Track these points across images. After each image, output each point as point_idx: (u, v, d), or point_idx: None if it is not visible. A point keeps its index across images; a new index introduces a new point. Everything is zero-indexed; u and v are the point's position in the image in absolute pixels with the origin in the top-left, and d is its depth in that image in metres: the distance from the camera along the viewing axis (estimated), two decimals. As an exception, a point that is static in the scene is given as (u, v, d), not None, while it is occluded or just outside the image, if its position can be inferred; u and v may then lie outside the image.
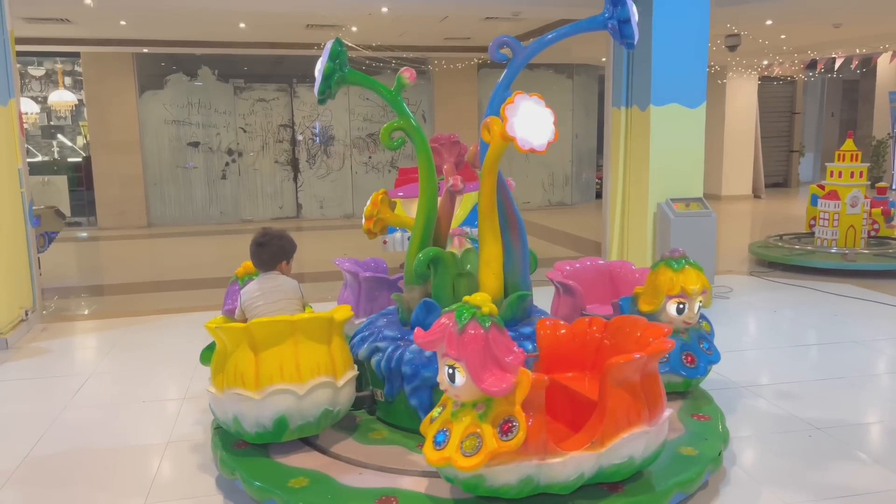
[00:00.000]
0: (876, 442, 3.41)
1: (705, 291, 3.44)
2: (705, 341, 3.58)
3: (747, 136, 14.69)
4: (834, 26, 9.03)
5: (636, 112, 6.42)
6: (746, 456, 3.23)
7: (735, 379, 4.20)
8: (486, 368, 2.33)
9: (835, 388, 4.10)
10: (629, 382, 2.53)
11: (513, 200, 3.22)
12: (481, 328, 2.36)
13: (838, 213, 7.51)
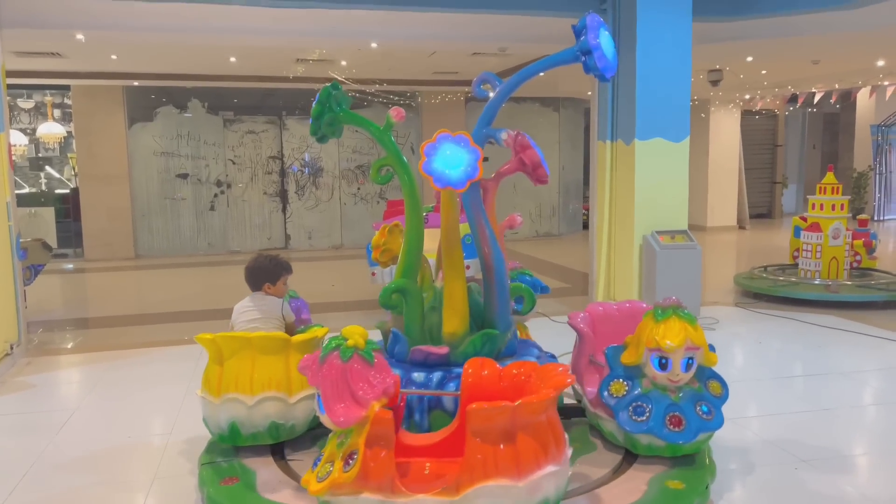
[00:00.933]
0: (862, 474, 3.44)
1: (694, 348, 3.04)
2: (705, 404, 3.11)
3: (731, 168, 14.92)
4: (812, 63, 9.25)
5: (621, 146, 6.53)
6: (734, 489, 3.25)
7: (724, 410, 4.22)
8: (340, 399, 2.41)
9: (821, 420, 4.13)
10: (496, 431, 2.35)
11: (491, 238, 3.22)
12: (339, 360, 2.46)
13: (821, 245, 7.62)
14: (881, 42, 7.96)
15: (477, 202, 3.22)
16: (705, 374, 3.19)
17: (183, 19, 6.63)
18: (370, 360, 2.49)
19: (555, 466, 2.43)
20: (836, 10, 6.46)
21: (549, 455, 2.43)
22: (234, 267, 11.20)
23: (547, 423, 2.47)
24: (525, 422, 2.38)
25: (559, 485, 2.49)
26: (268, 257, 3.95)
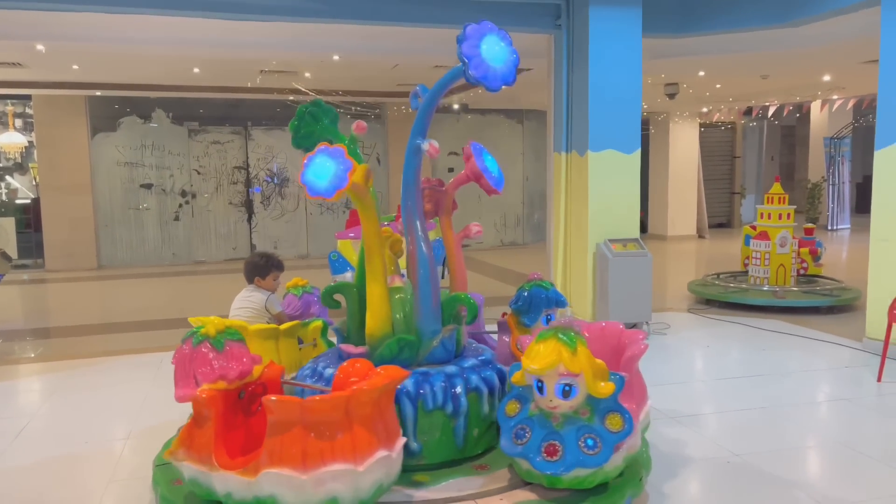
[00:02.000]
0: (790, 467, 3.63)
1: (568, 374, 2.76)
2: (591, 437, 2.79)
3: (691, 180, 15.31)
4: (762, 77, 9.61)
5: (575, 157, 6.74)
6: (668, 482, 3.42)
7: (664, 410, 4.42)
8: (184, 379, 2.80)
9: (756, 418, 4.34)
10: (289, 422, 2.54)
11: (418, 242, 3.33)
12: (189, 346, 2.82)
13: (769, 253, 7.92)
14: (824, 58, 8.32)
15: (412, 208, 3.35)
16: (604, 405, 2.84)
17: (144, 31, 6.70)
18: (219, 347, 2.81)
19: (346, 465, 2.53)
20: (778, 28, 6.76)
21: (342, 453, 2.54)
22: (199, 277, 11.22)
23: (346, 422, 2.58)
24: (316, 419, 2.55)
25: (356, 486, 2.56)
26: (261, 254, 4.67)
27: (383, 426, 2.71)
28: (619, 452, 2.86)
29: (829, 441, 3.98)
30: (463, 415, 3.18)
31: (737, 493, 3.33)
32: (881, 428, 4.20)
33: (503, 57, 3.01)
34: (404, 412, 3.11)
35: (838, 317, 7.15)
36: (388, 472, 2.72)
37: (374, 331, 3.33)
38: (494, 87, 2.98)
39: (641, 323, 6.57)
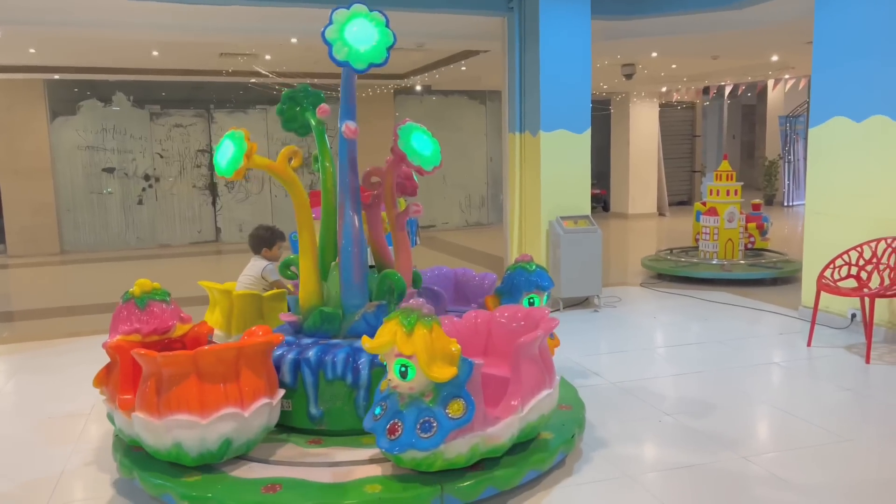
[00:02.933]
0: (717, 425, 3.90)
1: (401, 355, 2.73)
2: (429, 421, 2.75)
3: (651, 159, 15.63)
4: (713, 58, 9.88)
5: (528, 137, 6.95)
6: (603, 439, 3.67)
7: (607, 376, 4.68)
8: (112, 331, 3.27)
9: (691, 381, 4.62)
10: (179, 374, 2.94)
11: (346, 225, 3.48)
12: (121, 302, 3.28)
13: (717, 228, 8.23)
14: (771, 39, 8.59)
15: (344, 189, 3.56)
16: (448, 391, 2.78)
17: (99, 13, 6.71)
18: (140, 305, 3.23)
19: (235, 409, 2.96)
20: (723, 10, 7.00)
21: (232, 399, 2.97)
22: (164, 260, 11.26)
23: (231, 373, 3.00)
24: (205, 370, 2.95)
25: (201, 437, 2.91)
26: (265, 227, 5.03)
27: (237, 386, 3.01)
28: (464, 439, 2.79)
29: (757, 401, 4.27)
30: (363, 387, 3.31)
31: (665, 448, 3.60)
32: (807, 389, 4.50)
33: (370, 39, 3.10)
34: (305, 380, 3.35)
35: (781, 288, 7.50)
36: (238, 429, 3.00)
37: (304, 302, 3.61)
38: (359, 69, 3.14)
39: (593, 296, 6.84)
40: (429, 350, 2.71)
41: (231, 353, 3.02)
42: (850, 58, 5.54)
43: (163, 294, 3.31)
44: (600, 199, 16.39)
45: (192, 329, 3.44)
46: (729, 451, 3.50)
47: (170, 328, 3.28)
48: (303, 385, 3.37)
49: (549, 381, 3.24)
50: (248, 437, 3.07)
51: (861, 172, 5.53)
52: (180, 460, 2.97)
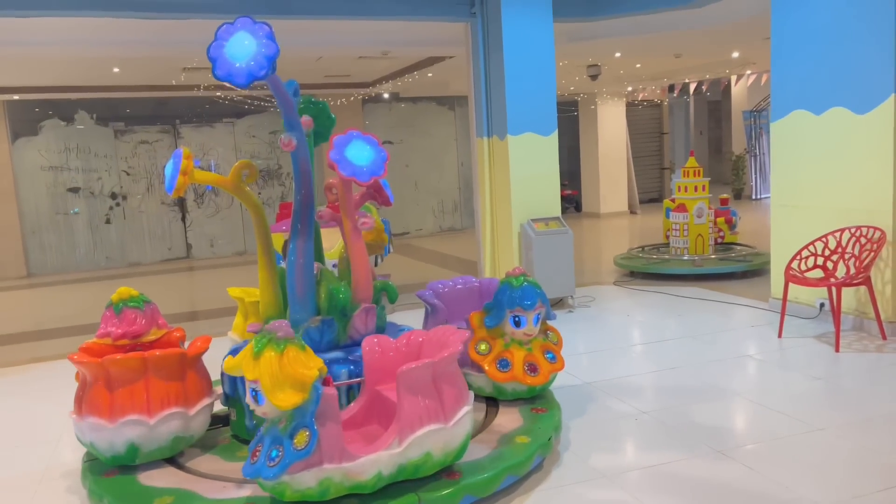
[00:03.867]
0: (693, 420, 3.92)
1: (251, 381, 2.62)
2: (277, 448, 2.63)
3: (620, 157, 15.77)
4: (675, 56, 10.00)
5: (496, 141, 6.96)
6: (580, 441, 3.67)
7: (582, 377, 4.69)
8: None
9: (666, 378, 4.64)
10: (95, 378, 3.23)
11: (294, 239, 3.51)
12: None
13: (687, 224, 8.31)
14: (730, 36, 8.72)
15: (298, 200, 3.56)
16: (298, 420, 2.63)
17: (55, 33, 6.61)
18: (116, 311, 3.50)
19: (180, 409, 3.25)
20: (680, 10, 7.09)
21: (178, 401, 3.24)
22: (135, 279, 11.08)
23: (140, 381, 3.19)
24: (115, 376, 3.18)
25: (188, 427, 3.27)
26: None
27: (182, 388, 3.25)
28: (311, 472, 2.63)
29: (731, 394, 4.30)
30: None
31: (642, 446, 3.61)
32: (779, 379, 4.55)
33: (248, 53, 3.03)
34: (240, 391, 3.42)
35: (751, 280, 7.59)
36: (184, 427, 3.26)
37: (262, 313, 3.69)
38: (240, 83, 3.04)
39: (567, 297, 6.86)
40: (273, 376, 2.56)
41: (136, 361, 3.18)
42: (806, 52, 5.63)
43: (137, 301, 3.52)
44: (572, 199, 16.49)
45: (165, 334, 3.59)
46: (705, 446, 3.51)
47: (140, 332, 3.47)
48: (239, 396, 3.45)
49: (443, 415, 2.86)
50: (189, 434, 3.32)
51: (823, 164, 5.62)
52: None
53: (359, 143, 3.38)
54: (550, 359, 3.83)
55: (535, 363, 3.76)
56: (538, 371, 3.75)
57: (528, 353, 3.77)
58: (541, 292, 3.75)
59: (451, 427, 2.88)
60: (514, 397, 3.80)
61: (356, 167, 3.33)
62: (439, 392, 2.89)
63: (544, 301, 3.76)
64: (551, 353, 3.86)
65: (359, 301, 3.61)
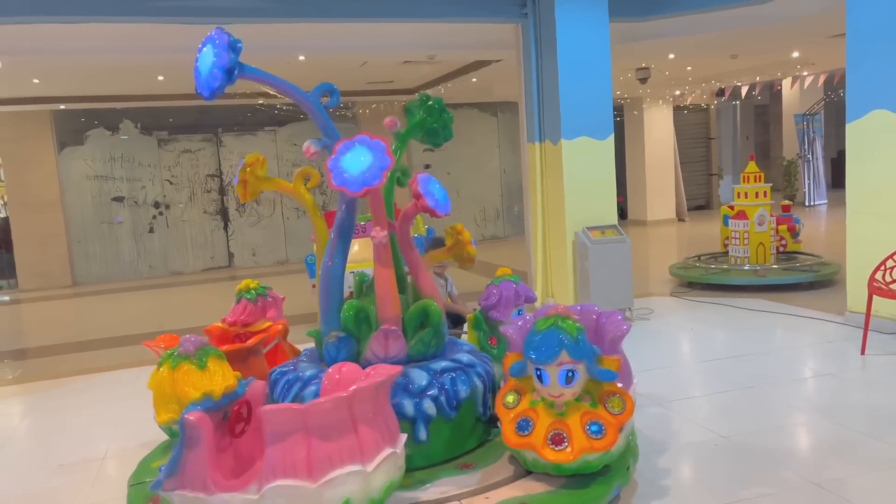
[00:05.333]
0: (778, 446, 3.59)
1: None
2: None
3: (667, 163, 15.33)
4: (731, 57, 9.61)
5: (549, 146, 6.68)
6: (658, 468, 3.37)
7: (651, 395, 4.37)
8: None
9: (742, 398, 4.30)
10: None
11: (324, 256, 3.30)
12: None
13: (748, 232, 7.91)
14: (792, 34, 8.32)
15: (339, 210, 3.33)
16: None
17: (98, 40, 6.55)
18: (237, 300, 3.90)
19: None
20: (744, 7, 6.73)
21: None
22: (177, 289, 11.04)
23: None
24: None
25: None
26: None
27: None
28: (184, 499, 2.49)
29: (816, 417, 3.95)
30: None
31: (726, 476, 3.29)
32: (867, 400, 4.17)
33: (206, 66, 2.98)
34: None
35: (820, 292, 7.16)
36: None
37: None
38: (205, 96, 3.00)
39: (625, 309, 6.53)
40: (159, 391, 2.62)
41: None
42: (886, 47, 5.24)
43: (252, 292, 3.99)
44: (618, 206, 16.08)
45: (269, 327, 3.95)
46: (798, 477, 3.18)
47: (248, 322, 3.95)
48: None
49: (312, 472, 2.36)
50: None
51: (907, 167, 5.22)
52: None
53: (360, 149, 3.00)
54: (593, 433, 2.78)
55: (563, 433, 2.80)
56: (564, 445, 2.77)
57: (557, 418, 2.82)
58: (570, 343, 2.76)
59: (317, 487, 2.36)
60: (537, 470, 2.94)
61: (346, 177, 2.95)
62: (322, 442, 2.41)
63: (577, 354, 2.77)
64: (597, 426, 2.80)
65: (382, 321, 3.20)
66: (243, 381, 2.79)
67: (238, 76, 2.98)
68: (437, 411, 3.06)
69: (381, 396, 2.58)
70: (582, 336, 2.81)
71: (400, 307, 3.23)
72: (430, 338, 3.25)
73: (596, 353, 2.84)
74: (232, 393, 2.62)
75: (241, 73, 2.99)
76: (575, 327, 2.81)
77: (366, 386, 2.47)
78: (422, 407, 3.03)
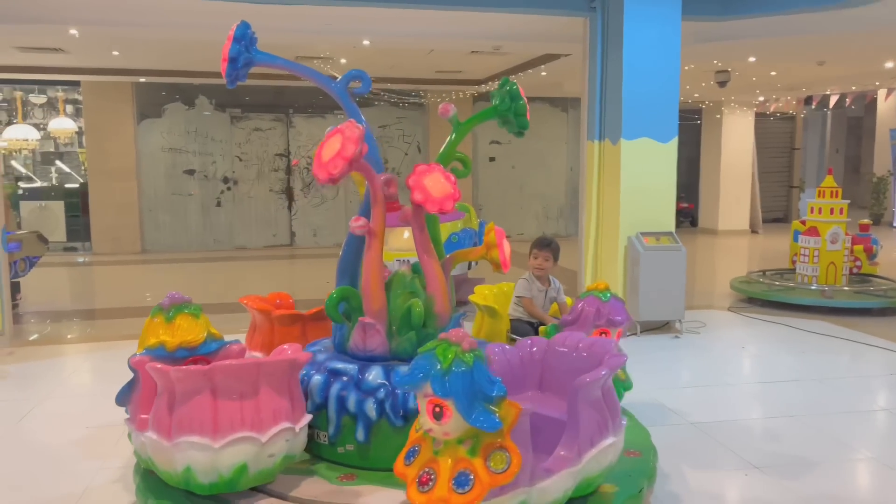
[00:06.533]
0: (814, 483, 3.33)
1: None
2: None
3: (744, 172, 14.68)
4: (818, 64, 9.05)
5: (608, 145, 6.45)
6: (677, 495, 3.18)
7: (684, 413, 4.15)
8: None
9: (785, 427, 4.03)
10: None
11: None
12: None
13: (818, 250, 7.45)
14: (885, 43, 7.76)
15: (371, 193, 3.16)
16: None
17: (172, 14, 6.69)
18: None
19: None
20: (836, 9, 6.29)
21: None
22: (239, 263, 11.31)
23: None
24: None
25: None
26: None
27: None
28: None
29: (864, 456, 3.65)
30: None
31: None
32: (925, 443, 3.84)
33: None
34: None
35: (891, 319, 6.68)
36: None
37: None
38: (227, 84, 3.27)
39: (674, 321, 6.27)
40: (142, 334, 3.15)
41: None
42: None
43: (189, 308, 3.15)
44: (688, 213, 15.54)
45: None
46: (830, 520, 2.94)
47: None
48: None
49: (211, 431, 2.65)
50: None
51: None
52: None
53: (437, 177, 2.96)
54: (457, 484, 2.27)
55: (432, 474, 2.34)
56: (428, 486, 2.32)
57: (432, 456, 2.37)
58: (437, 374, 2.24)
59: (218, 448, 2.61)
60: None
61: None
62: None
63: (441, 389, 2.23)
64: (464, 478, 2.27)
65: (365, 312, 3.07)
66: (221, 340, 3.09)
67: (247, 64, 3.21)
68: (379, 415, 2.92)
69: (279, 376, 2.79)
70: (462, 370, 2.24)
71: (383, 301, 3.07)
72: (416, 338, 3.08)
73: (485, 394, 2.28)
74: (193, 348, 2.98)
75: (250, 61, 3.21)
76: (466, 358, 2.27)
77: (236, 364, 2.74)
78: (363, 406, 2.93)
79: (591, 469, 2.62)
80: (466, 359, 2.28)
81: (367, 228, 3.02)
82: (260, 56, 3.22)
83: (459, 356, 2.28)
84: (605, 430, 2.66)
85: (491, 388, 2.30)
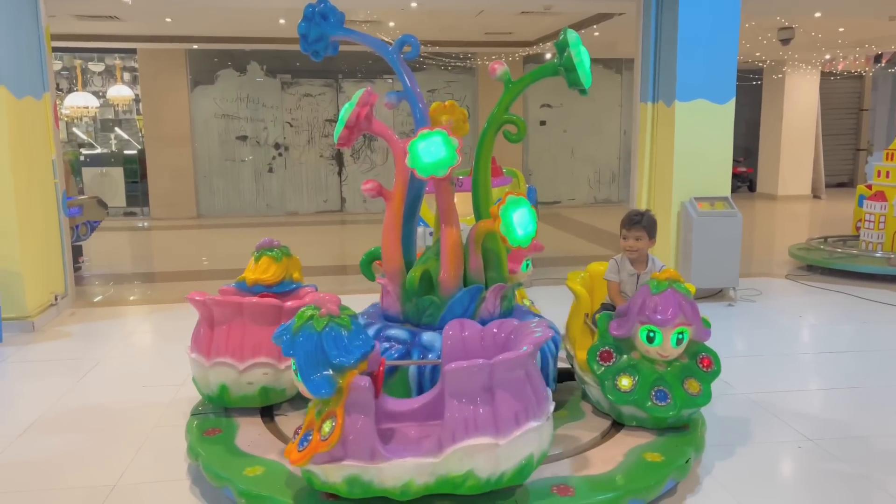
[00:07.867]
0: (868, 459, 3.21)
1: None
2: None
3: (807, 134, 14.09)
4: (889, 19, 8.54)
5: (662, 107, 6.25)
6: (727, 464, 3.11)
7: (736, 384, 4.05)
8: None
9: (841, 399, 3.90)
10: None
11: None
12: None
13: (885, 216, 7.13)
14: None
15: None
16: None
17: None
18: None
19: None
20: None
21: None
22: (290, 228, 11.47)
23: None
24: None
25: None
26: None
27: None
28: None
29: (926, 430, 3.51)
30: None
31: (802, 483, 2.99)
32: None
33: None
34: None
35: (962, 289, 6.37)
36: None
37: None
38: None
39: (728, 289, 6.10)
40: None
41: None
42: None
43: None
44: (746, 177, 15.04)
45: None
46: (886, 495, 2.84)
47: None
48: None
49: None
50: None
51: None
52: None
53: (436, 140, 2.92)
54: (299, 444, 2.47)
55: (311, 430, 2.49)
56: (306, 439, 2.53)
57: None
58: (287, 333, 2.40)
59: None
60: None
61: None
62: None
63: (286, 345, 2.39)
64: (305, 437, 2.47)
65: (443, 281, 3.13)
66: (298, 283, 3.66)
67: (317, 39, 3.37)
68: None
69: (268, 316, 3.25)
70: (308, 333, 2.34)
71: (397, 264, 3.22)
72: (417, 304, 3.14)
73: (327, 360, 2.33)
74: (269, 285, 3.51)
75: (322, 35, 3.36)
76: (318, 322, 2.35)
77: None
78: None
79: (455, 465, 2.34)
80: (317, 323, 2.36)
81: (378, 191, 3.08)
82: (329, 29, 3.37)
83: (313, 320, 2.37)
84: (484, 427, 2.33)
85: (336, 355, 2.33)
